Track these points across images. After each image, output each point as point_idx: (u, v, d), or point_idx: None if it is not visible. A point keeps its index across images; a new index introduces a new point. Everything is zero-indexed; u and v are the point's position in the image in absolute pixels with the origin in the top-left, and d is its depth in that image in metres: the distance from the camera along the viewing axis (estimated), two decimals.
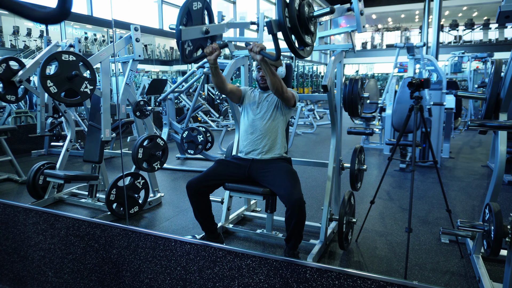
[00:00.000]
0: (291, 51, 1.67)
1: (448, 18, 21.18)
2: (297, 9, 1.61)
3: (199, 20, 2.12)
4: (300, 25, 1.64)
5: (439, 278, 2.00)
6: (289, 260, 1.26)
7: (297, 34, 1.65)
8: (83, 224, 1.64)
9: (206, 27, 2.10)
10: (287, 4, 1.58)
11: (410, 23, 23.92)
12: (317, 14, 1.70)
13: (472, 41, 20.50)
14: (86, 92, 2.45)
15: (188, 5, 2.02)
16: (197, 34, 2.07)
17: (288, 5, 1.59)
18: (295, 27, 1.62)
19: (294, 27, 1.62)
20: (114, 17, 2.19)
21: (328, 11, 1.70)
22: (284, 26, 1.58)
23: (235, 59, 2.64)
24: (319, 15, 1.71)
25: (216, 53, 1.89)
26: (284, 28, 1.58)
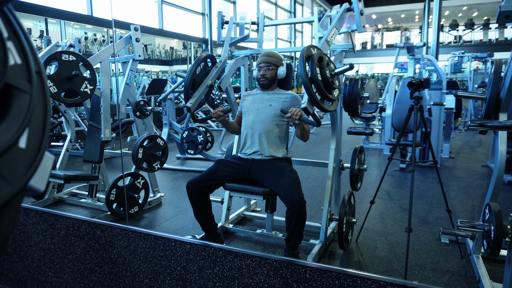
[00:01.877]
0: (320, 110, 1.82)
1: (448, 18, 21.18)
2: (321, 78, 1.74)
3: (203, 75, 2.41)
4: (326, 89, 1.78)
5: (439, 278, 2.00)
6: (289, 260, 1.26)
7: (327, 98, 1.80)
8: (83, 224, 1.64)
9: (210, 82, 2.37)
10: (312, 80, 1.71)
11: (410, 23, 23.92)
12: (338, 72, 1.83)
13: (472, 41, 20.50)
14: (86, 92, 2.45)
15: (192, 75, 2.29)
16: (203, 94, 2.35)
17: (312, 80, 1.71)
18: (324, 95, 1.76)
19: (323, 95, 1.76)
20: (114, 17, 2.20)
21: (348, 68, 1.82)
22: (317, 102, 1.73)
23: (235, 59, 2.64)
24: (339, 72, 1.84)
25: (222, 117, 2.13)
26: (317, 103, 1.74)
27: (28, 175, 0.38)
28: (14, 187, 0.36)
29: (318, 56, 1.76)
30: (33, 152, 0.39)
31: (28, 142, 0.38)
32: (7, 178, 0.36)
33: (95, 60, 2.66)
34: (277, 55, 2.23)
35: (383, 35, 24.24)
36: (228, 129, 2.33)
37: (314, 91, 1.70)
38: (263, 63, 2.17)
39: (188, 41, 11.05)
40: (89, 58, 2.56)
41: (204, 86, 2.34)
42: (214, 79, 2.43)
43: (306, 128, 2.04)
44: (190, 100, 2.24)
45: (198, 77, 2.35)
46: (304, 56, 1.71)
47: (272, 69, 2.17)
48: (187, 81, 2.27)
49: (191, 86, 2.30)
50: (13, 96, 0.37)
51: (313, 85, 1.71)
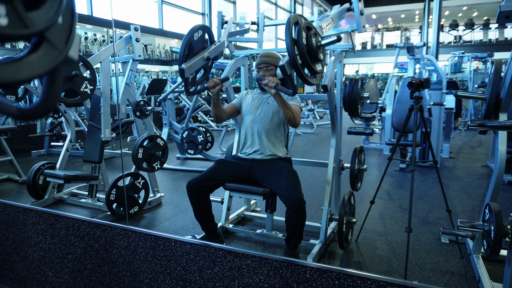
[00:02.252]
0: (303, 82, 1.73)
1: (448, 18, 21.17)
2: (305, 43, 1.65)
3: (200, 47, 2.22)
4: (310, 58, 1.68)
5: (439, 278, 2.00)
6: (289, 260, 1.26)
7: (309, 67, 1.69)
8: (83, 224, 1.64)
9: (207, 54, 2.18)
10: (295, 42, 1.62)
11: (410, 23, 23.91)
12: (324, 43, 1.75)
13: (472, 41, 20.49)
14: (86, 92, 2.45)
15: (189, 38, 2.11)
16: (199, 64, 2.16)
17: (296, 42, 1.62)
18: (306, 62, 1.66)
19: (305, 62, 1.66)
20: (114, 17, 2.20)
21: (336, 40, 1.75)
22: (296, 65, 1.62)
23: (235, 59, 2.64)
24: (326, 44, 1.76)
25: (218, 87, 1.93)
26: (296, 65, 1.62)
27: (69, 43, 0.48)
28: (61, 53, 0.47)
29: (307, 25, 1.68)
30: (68, 26, 0.49)
31: (63, 19, 0.48)
32: (56, 45, 0.46)
33: (95, 60, 2.66)
34: (276, 55, 2.23)
35: (383, 35, 24.23)
36: (214, 108, 2.07)
37: (296, 53, 1.61)
38: (262, 64, 2.17)
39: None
40: (89, 58, 2.56)
41: (201, 55, 2.17)
42: (211, 54, 2.24)
43: (289, 107, 1.95)
44: (185, 63, 2.06)
45: (195, 45, 2.17)
46: (292, 21, 1.61)
47: (271, 69, 2.17)
48: (183, 45, 2.08)
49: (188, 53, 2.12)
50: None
51: (296, 46, 1.62)
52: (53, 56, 0.46)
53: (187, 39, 2.10)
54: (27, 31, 0.42)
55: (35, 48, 0.45)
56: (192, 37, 2.13)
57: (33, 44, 0.45)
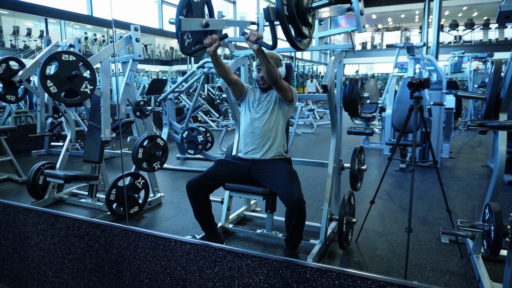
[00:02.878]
0: (288, 41, 1.63)
1: (448, 18, 21.18)
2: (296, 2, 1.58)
3: (199, 14, 2.10)
4: (298, 15, 1.60)
5: (439, 278, 2.00)
6: (289, 260, 1.26)
7: (295, 24, 1.60)
8: (83, 224, 1.64)
9: (206, 20, 2.07)
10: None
11: (410, 23, 23.92)
12: (315, 6, 1.68)
13: (472, 41, 20.50)
14: (86, 92, 2.45)
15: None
16: (197, 26, 2.03)
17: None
18: (293, 16, 1.58)
19: (292, 16, 1.58)
20: (114, 17, 2.19)
21: (327, 3, 1.66)
22: (281, 14, 1.53)
23: (235, 59, 2.63)
24: (317, 7, 1.69)
25: (216, 44, 1.85)
26: (281, 16, 1.54)
27: None
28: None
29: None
30: None
31: None
32: None
33: (95, 60, 2.66)
34: (276, 55, 2.23)
35: (383, 35, 24.23)
36: (217, 68, 2.03)
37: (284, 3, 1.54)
38: None
39: None
40: (89, 58, 2.56)
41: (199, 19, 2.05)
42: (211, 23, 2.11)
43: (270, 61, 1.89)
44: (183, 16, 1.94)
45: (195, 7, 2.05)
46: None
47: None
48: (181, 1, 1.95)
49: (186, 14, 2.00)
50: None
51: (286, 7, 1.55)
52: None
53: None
54: None
55: None
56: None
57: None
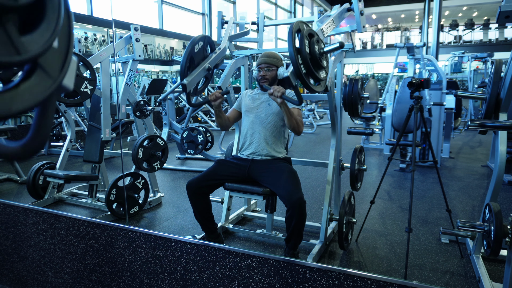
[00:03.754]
0: (308, 90, 1.74)
1: (448, 18, 21.18)
2: (308, 51, 1.65)
3: (201, 57, 2.26)
4: (314, 66, 1.69)
5: (439, 278, 2.00)
6: (289, 260, 1.26)
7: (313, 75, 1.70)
8: (83, 224, 1.64)
9: (208, 65, 2.23)
10: (299, 51, 1.62)
11: (410, 23, 23.91)
12: (327, 50, 1.75)
13: (472, 41, 20.49)
14: (86, 92, 2.45)
15: (190, 52, 2.15)
16: (200, 76, 2.20)
17: (300, 51, 1.62)
18: (310, 71, 1.67)
19: (309, 71, 1.67)
20: (114, 17, 2.20)
21: (338, 47, 1.75)
22: (301, 75, 1.62)
23: (235, 59, 2.64)
24: (329, 51, 1.76)
25: (219, 100, 1.99)
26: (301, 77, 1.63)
27: (63, 71, 0.44)
28: (54, 81, 0.42)
29: (309, 32, 1.69)
30: (63, 52, 0.44)
31: (59, 42, 0.44)
32: (49, 72, 0.42)
33: (95, 60, 2.66)
34: (277, 55, 2.23)
35: (383, 35, 24.23)
36: (218, 119, 2.15)
37: (300, 63, 1.62)
38: (263, 64, 2.17)
39: (188, 41, 11.04)
40: (89, 58, 2.56)
41: (201, 67, 2.21)
42: (212, 64, 2.29)
43: (294, 114, 1.98)
44: (187, 77, 2.10)
45: (196, 56, 2.21)
46: (294, 29, 1.62)
47: (272, 69, 2.17)
48: (184, 59, 2.13)
49: (189, 66, 2.17)
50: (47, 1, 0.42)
51: (300, 56, 1.62)
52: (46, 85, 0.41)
53: (188, 53, 2.14)
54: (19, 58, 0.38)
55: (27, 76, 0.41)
56: (192, 50, 2.17)
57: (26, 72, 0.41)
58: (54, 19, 0.42)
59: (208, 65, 2.23)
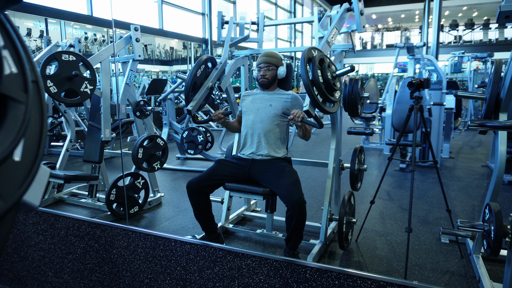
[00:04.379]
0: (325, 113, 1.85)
1: (448, 18, 21.17)
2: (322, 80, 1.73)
3: (204, 77, 2.40)
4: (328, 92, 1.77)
5: (439, 278, 2.00)
6: (289, 260, 1.26)
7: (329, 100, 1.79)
8: (83, 224, 1.64)
9: (210, 84, 2.38)
10: (313, 83, 1.71)
11: (410, 23, 23.90)
12: (339, 74, 1.83)
13: (472, 41, 20.49)
14: (86, 92, 2.45)
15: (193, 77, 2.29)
16: (204, 97, 2.35)
17: (314, 83, 1.71)
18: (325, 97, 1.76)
19: (325, 98, 1.76)
20: (114, 17, 2.20)
21: (349, 70, 1.82)
22: (318, 104, 1.73)
23: (235, 59, 2.64)
24: (341, 74, 1.84)
25: (222, 121, 2.16)
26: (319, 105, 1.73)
27: (22, 189, 0.37)
28: (7, 202, 0.35)
29: (319, 58, 1.76)
30: (28, 165, 0.38)
31: (23, 154, 0.37)
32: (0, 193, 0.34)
33: (95, 60, 2.66)
34: (277, 55, 2.23)
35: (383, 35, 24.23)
36: (228, 129, 2.37)
37: (316, 94, 1.71)
38: (263, 63, 2.17)
39: (188, 41, 11.05)
40: (89, 58, 2.56)
41: (204, 88, 2.35)
42: (214, 81, 2.43)
43: (308, 128, 2.07)
44: (191, 103, 2.25)
45: (199, 79, 2.35)
46: (306, 58, 1.72)
47: (272, 69, 2.17)
48: (187, 84, 2.28)
49: (192, 89, 2.30)
50: (8, 106, 0.36)
51: (315, 87, 1.71)
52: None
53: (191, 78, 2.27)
54: None
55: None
56: (195, 76, 2.31)
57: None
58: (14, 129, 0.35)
59: (210, 84, 2.38)
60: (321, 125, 1.92)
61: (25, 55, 0.39)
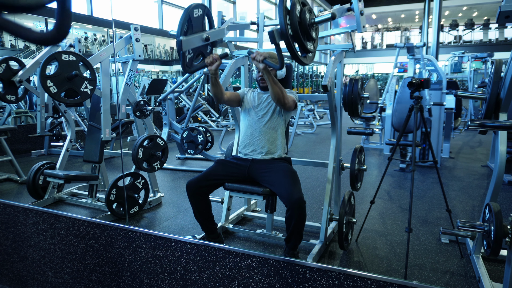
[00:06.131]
0: (293, 59, 1.66)
1: (448, 18, 21.18)
2: (299, 16, 1.60)
3: (200, 27, 2.09)
4: (302, 32, 1.62)
5: (439, 278, 2.00)
6: (289, 260, 1.26)
7: (299, 42, 1.63)
8: (83, 224, 1.64)
9: (206, 34, 2.07)
10: (288, 12, 1.57)
11: (410, 23, 23.91)
12: (318, 20, 1.70)
13: (472, 41, 20.49)
14: (86, 92, 2.45)
15: (189, 13, 1.99)
16: (198, 42, 2.04)
17: (289, 13, 1.57)
18: (297, 34, 1.60)
19: (296, 34, 1.60)
20: (114, 17, 2.19)
21: (329, 17, 1.70)
22: (286, 35, 1.55)
23: (235, 59, 2.64)
24: (320, 21, 1.70)
25: (217, 63, 1.90)
26: (286, 36, 1.56)
27: None
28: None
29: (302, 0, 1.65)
30: None
31: None
32: None
33: (95, 60, 2.66)
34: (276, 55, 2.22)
35: (383, 35, 24.23)
36: (213, 87, 2.04)
37: (288, 23, 1.56)
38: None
39: None
40: (89, 58, 2.56)
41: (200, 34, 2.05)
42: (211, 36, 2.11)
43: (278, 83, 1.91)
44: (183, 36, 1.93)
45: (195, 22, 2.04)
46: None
47: (272, 69, 2.17)
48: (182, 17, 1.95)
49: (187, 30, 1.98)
50: None
51: (289, 16, 1.57)
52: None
53: (187, 13, 1.97)
54: None
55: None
56: (192, 13, 2.00)
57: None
58: None
59: (206, 35, 2.06)
60: (281, 65, 1.76)
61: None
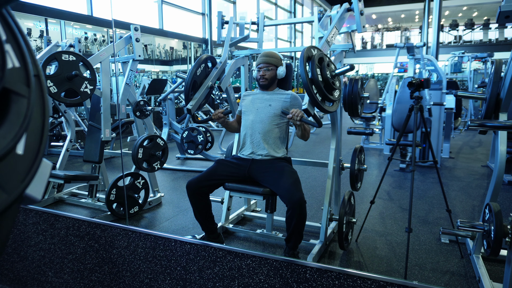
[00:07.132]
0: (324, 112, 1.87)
1: (448, 18, 21.17)
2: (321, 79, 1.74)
3: (203, 76, 2.41)
4: (327, 91, 1.78)
5: (439, 278, 2.00)
6: (289, 260, 1.26)
7: (328, 99, 1.80)
8: (83, 224, 1.64)
9: (210, 83, 2.39)
10: (312, 81, 1.71)
11: (410, 23, 23.90)
12: (338, 73, 1.84)
13: (472, 41, 20.49)
14: (86, 92, 2.45)
15: (193, 76, 2.29)
16: (203, 96, 2.35)
17: (313, 81, 1.72)
18: (325, 96, 1.77)
19: (324, 96, 1.77)
20: (114, 17, 2.20)
21: (348, 69, 1.84)
22: (317, 103, 1.73)
23: (235, 59, 2.64)
24: (340, 73, 1.84)
25: (221, 120, 2.16)
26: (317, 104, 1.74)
27: (25, 182, 0.37)
28: (10, 195, 0.35)
29: (319, 57, 1.77)
30: (30, 158, 0.38)
31: (25, 148, 0.37)
32: (3, 186, 0.35)
33: (95, 60, 2.66)
34: (277, 55, 2.23)
35: (383, 35, 24.23)
36: (228, 129, 2.37)
37: (315, 92, 1.71)
38: (262, 64, 2.17)
39: (188, 41, 11.05)
40: (89, 58, 2.56)
41: (204, 87, 2.35)
42: (214, 81, 2.43)
43: (307, 128, 2.06)
44: (191, 102, 2.25)
45: (199, 78, 2.35)
46: (305, 57, 1.72)
47: (272, 69, 2.17)
48: (187, 83, 2.28)
49: (192, 88, 2.31)
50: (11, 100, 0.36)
51: (314, 86, 1.71)
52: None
53: (191, 77, 2.27)
54: None
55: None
56: (195, 74, 2.31)
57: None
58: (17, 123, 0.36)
59: (210, 83, 2.38)
60: (320, 124, 1.93)
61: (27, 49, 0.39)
